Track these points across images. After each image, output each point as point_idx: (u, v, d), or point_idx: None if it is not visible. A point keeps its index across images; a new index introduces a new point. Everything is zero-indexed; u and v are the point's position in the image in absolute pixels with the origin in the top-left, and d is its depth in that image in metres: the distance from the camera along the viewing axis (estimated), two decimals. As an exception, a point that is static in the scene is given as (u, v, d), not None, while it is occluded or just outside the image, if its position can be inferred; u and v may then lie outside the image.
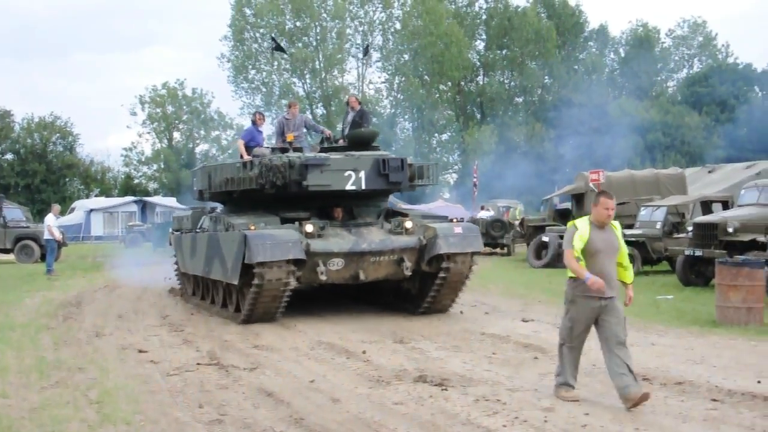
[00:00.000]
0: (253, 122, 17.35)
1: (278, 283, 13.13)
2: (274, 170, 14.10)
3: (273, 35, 45.82)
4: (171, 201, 54.07)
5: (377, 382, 9.62)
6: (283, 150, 15.12)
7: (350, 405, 8.55)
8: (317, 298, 16.54)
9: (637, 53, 72.36)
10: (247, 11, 64.32)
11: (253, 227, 13.41)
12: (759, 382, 9.38)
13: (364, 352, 11.45)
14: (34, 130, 65.03)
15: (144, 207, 54.18)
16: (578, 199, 29.89)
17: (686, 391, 9.01)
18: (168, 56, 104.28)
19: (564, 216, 31.94)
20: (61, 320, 15.73)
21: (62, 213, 39.92)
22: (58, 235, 27.01)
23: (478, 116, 67.16)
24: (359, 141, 15.37)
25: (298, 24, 63.79)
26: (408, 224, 14.46)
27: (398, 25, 65.93)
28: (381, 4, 66.63)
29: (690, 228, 20.62)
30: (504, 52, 70.28)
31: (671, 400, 8.53)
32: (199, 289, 17.74)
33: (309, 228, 13.66)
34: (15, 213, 34.60)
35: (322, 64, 64.32)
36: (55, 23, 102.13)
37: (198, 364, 10.97)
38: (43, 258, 28.89)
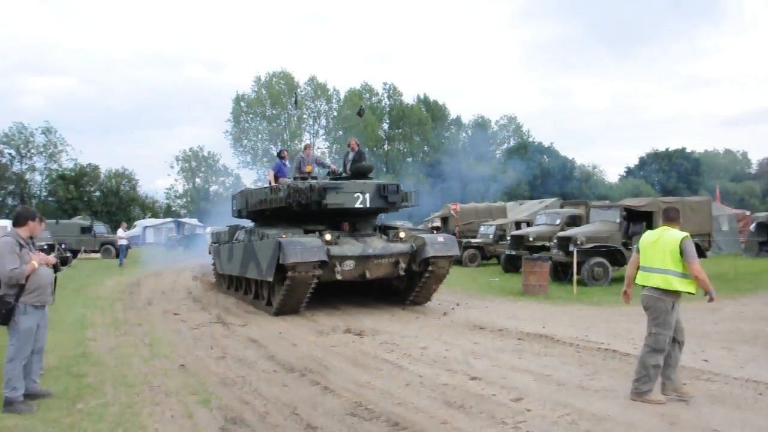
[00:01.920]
0: (281, 157, 14.15)
1: (306, 277, 10.62)
2: (299, 192, 11.73)
3: (295, 93, 42.83)
4: (194, 221, 53.42)
5: (320, 333, 9.68)
6: (303, 179, 12.63)
7: (304, 347, 8.61)
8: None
9: (478, 133, 74.05)
10: (242, 104, 64.07)
11: (284, 236, 10.88)
12: (543, 327, 9.77)
13: (312, 315, 11.46)
14: (112, 177, 63.87)
15: (179, 225, 53.28)
16: (444, 220, 30.38)
17: (503, 335, 9.29)
18: (192, 131, 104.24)
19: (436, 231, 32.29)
20: (128, 294, 15.42)
21: (128, 228, 39.31)
22: (124, 240, 27.04)
23: (384, 170, 67.32)
24: (360, 173, 12.91)
25: (274, 112, 63.63)
26: (402, 234, 12.04)
27: (336, 113, 66.18)
28: (325, 100, 67.00)
29: (508, 238, 21.19)
30: (400, 130, 70.88)
31: (495, 340, 8.78)
32: (233, 285, 15.21)
33: (328, 236, 11.19)
34: (100, 228, 34.97)
35: (288, 136, 64.12)
36: (126, 111, 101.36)
37: (210, 322, 10.91)
38: (117, 256, 28.49)
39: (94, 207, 60.17)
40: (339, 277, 11.08)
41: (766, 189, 77.46)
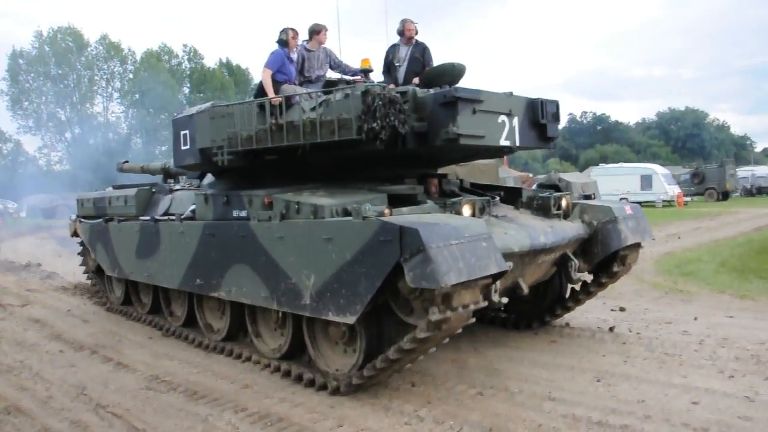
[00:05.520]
0: (283, 43, 6.28)
1: (464, 316, 4.32)
2: (393, 106, 4.99)
3: None
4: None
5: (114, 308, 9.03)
6: (330, 84, 6.51)
7: (97, 324, 8.02)
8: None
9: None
10: (21, 61, 57.26)
11: (387, 211, 4.77)
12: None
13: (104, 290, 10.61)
14: None
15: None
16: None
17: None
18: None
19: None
20: None
21: None
22: None
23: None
24: (444, 80, 5.77)
25: (60, 72, 57.65)
26: (564, 202, 6.07)
27: (131, 75, 61.83)
28: (119, 61, 62.17)
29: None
30: (201, 95, 68.16)
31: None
32: (143, 300, 8.21)
33: (467, 210, 5.19)
34: None
35: (77, 99, 58.67)
36: None
37: (-17, 304, 9.67)
38: None
39: None
40: (495, 299, 4.69)
41: (546, 154, 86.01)
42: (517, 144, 5.60)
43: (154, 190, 8.08)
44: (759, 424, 4.09)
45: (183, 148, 6.57)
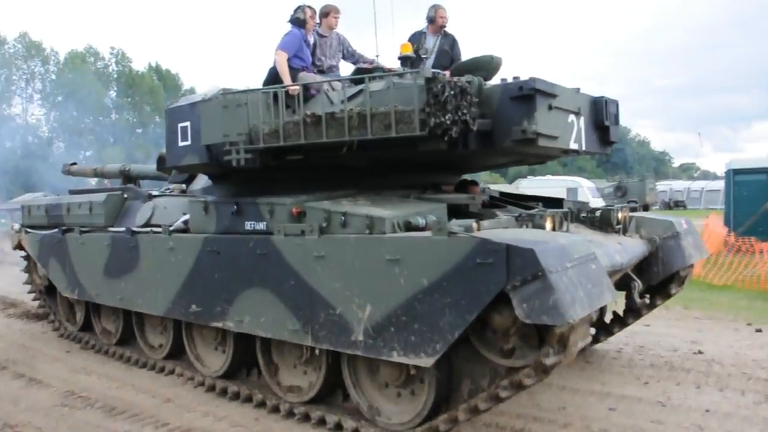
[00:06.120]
0: (299, 23, 5.30)
1: (579, 346, 3.44)
2: (463, 97, 3.94)
3: None
4: None
5: (29, 319, 8.68)
6: (364, 71, 4.98)
7: (9, 338, 7.65)
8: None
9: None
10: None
11: (477, 226, 3.66)
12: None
13: (23, 302, 9.89)
14: None
15: None
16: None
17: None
18: None
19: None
20: None
21: None
22: None
23: (112, 140, 62.49)
24: (477, 75, 4.33)
25: (-27, 69, 54.95)
26: (620, 215, 5.14)
27: (54, 76, 59.47)
28: (40, 61, 59.72)
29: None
30: (129, 99, 66.42)
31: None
32: (110, 329, 6.78)
33: (549, 223, 4.17)
34: None
35: (-6, 100, 56.02)
36: None
37: None
38: None
39: None
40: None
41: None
42: (583, 147, 4.76)
43: (126, 195, 6.60)
44: (670, 427, 4.29)
45: (182, 144, 5.20)
